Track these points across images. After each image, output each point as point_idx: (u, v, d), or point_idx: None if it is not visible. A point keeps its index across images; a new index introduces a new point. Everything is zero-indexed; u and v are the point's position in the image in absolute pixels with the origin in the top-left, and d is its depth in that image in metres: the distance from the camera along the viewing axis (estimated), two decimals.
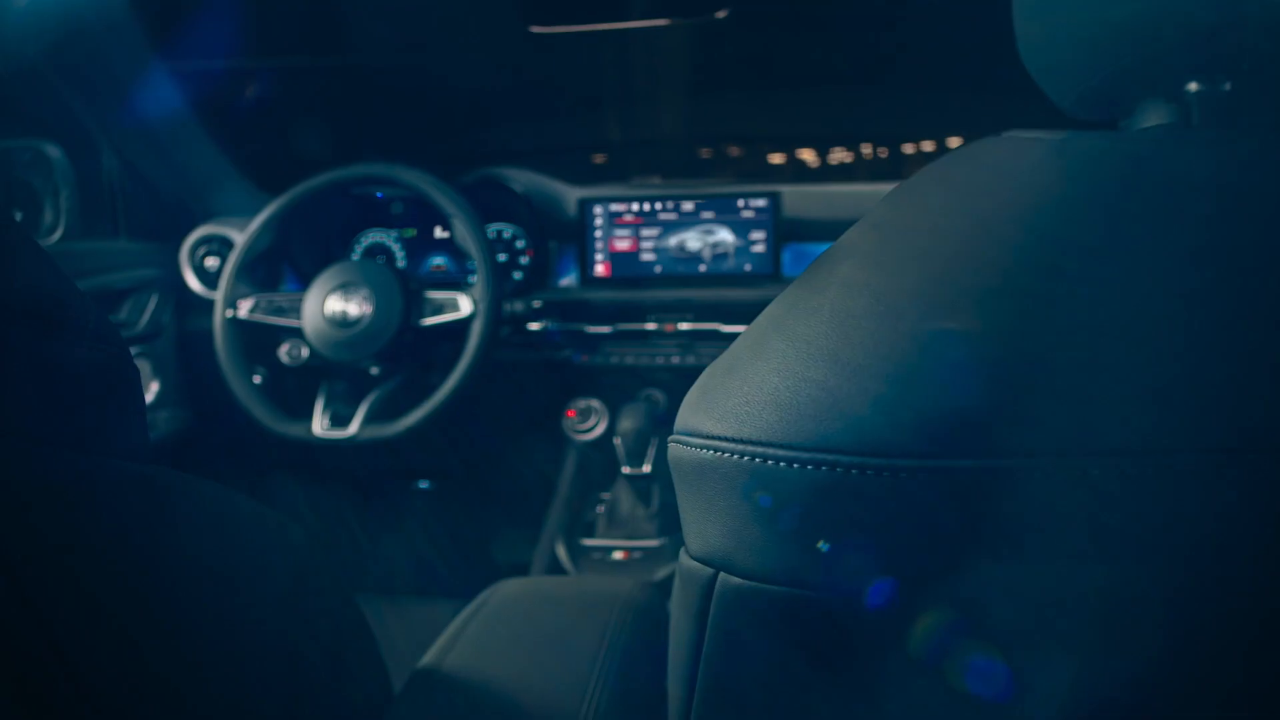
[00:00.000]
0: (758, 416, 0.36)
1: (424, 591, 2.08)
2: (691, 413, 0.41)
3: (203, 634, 0.50)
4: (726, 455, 0.36)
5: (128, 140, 1.65)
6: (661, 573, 1.28)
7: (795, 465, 0.34)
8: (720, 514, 0.38)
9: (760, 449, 0.35)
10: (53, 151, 1.69)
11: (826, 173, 2.37)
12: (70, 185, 1.68)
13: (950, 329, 0.33)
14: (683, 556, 0.43)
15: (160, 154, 1.67)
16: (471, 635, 0.79)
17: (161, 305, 1.65)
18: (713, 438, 0.37)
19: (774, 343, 0.38)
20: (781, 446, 0.34)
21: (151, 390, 1.64)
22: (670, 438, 0.43)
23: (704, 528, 0.39)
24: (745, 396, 0.37)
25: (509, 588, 0.88)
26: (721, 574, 0.38)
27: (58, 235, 1.67)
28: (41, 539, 0.39)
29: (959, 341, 0.33)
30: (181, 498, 0.51)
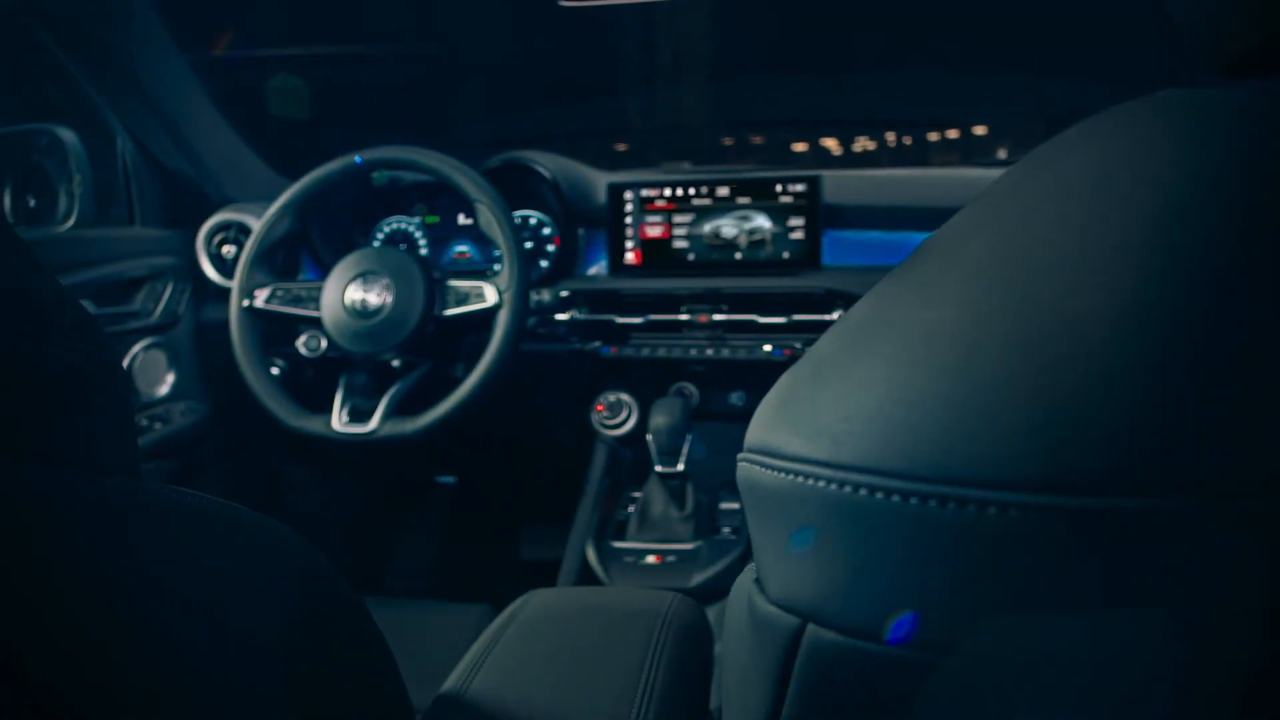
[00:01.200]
0: (863, 437, 0.29)
1: (447, 594, 2.03)
2: (770, 428, 0.34)
3: (197, 666, 0.44)
4: (821, 483, 0.30)
5: (143, 124, 1.60)
6: (697, 578, 1.21)
7: (914, 500, 0.27)
8: (811, 553, 0.31)
9: (867, 478, 0.28)
10: (67, 136, 1.64)
11: (850, 161, 2.30)
12: (84, 171, 1.63)
13: (1123, 326, 0.26)
14: (753, 595, 0.36)
15: (176, 138, 1.62)
16: (502, 653, 0.73)
17: (177, 294, 1.60)
18: (802, 460, 0.31)
19: (880, 344, 0.31)
20: (896, 476, 0.28)
21: (167, 382, 1.59)
22: (741, 456, 0.36)
23: (788, 568, 0.32)
24: (843, 410, 0.30)
25: (540, 599, 0.82)
26: (810, 625, 0.31)
27: (71, 222, 1.62)
28: (6, 565, 0.33)
29: (1140, 343, 0.25)
30: (172, 515, 0.45)
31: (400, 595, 2.01)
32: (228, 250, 1.62)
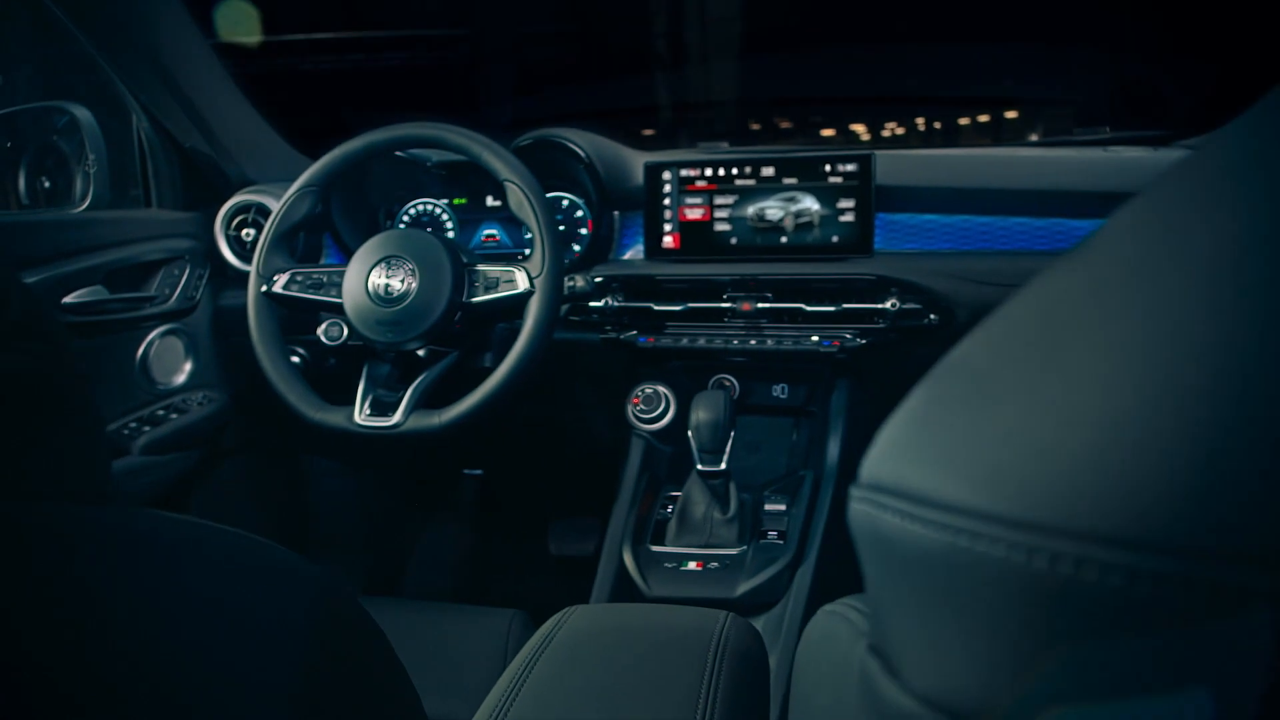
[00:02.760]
0: (1064, 484, 0.21)
1: (474, 593, 1.97)
2: (908, 459, 0.26)
3: (201, 707, 0.38)
4: (1001, 549, 0.21)
5: (160, 102, 1.53)
6: (743, 586, 1.13)
7: (1165, 586, 0.19)
8: (978, 637, 0.23)
9: (1079, 547, 0.20)
10: (81, 114, 1.57)
11: (879, 146, 2.21)
12: (100, 150, 1.56)
13: None
14: (875, 676, 0.27)
15: (194, 116, 1.55)
16: (540, 678, 0.66)
17: (194, 279, 1.54)
18: (968, 513, 0.22)
19: (1068, 356, 0.23)
20: (1129, 546, 0.19)
21: (184, 370, 1.53)
22: (857, 493, 0.28)
23: (941, 653, 0.24)
24: (1026, 444, 0.22)
25: (578, 618, 0.74)
26: None
27: (86, 204, 1.56)
28: None
29: None
30: (153, 546, 0.38)
31: (426, 597, 1.95)
32: (247, 233, 1.55)
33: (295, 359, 1.57)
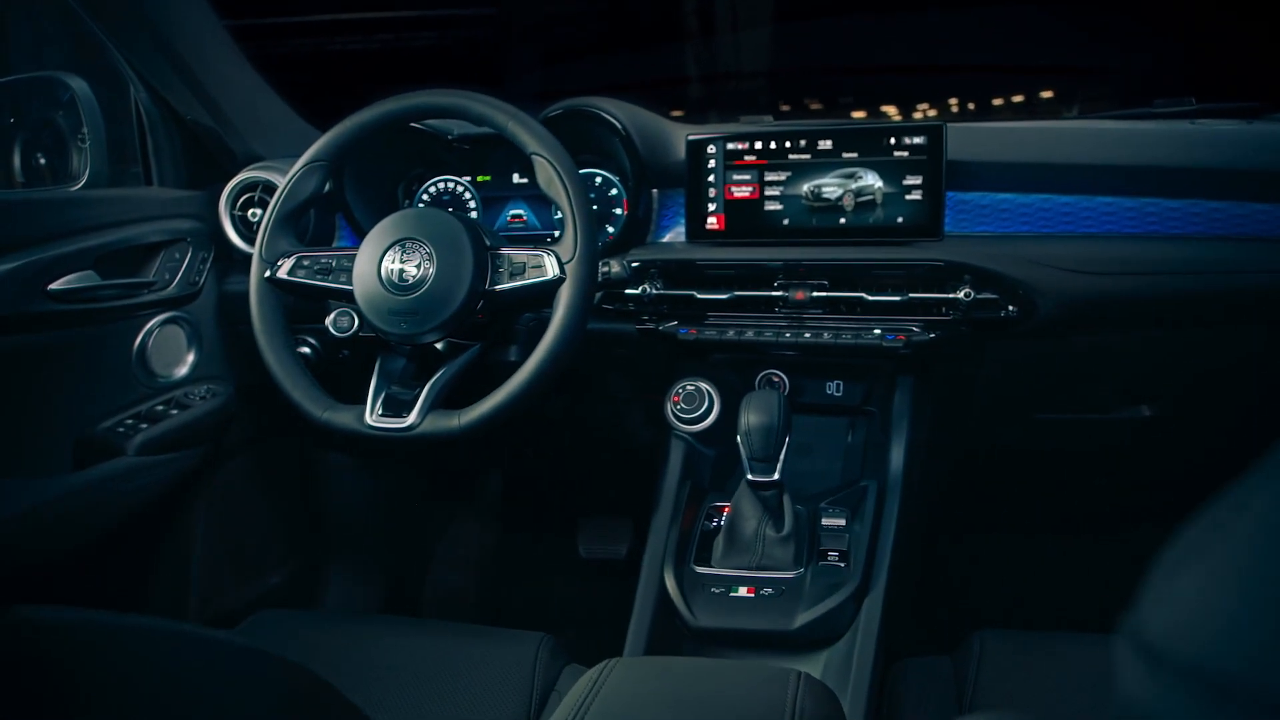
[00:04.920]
0: None
1: (497, 601, 1.86)
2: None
3: None
4: None
5: (158, 70, 1.41)
6: (801, 618, 0.99)
7: None
8: None
9: None
10: (77, 85, 1.45)
11: None
12: (96, 124, 1.45)
13: None
14: None
15: (196, 87, 1.42)
16: None
17: (197, 262, 1.42)
18: None
19: None
20: None
21: (185, 362, 1.42)
22: (1127, 644, 0.15)
23: None
24: None
25: (624, 673, 0.61)
26: None
27: (83, 182, 1.44)
28: None
29: None
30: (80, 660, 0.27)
31: (448, 599, 1.84)
32: (254, 214, 1.43)
33: (306, 349, 1.45)
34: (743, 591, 1.04)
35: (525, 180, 1.42)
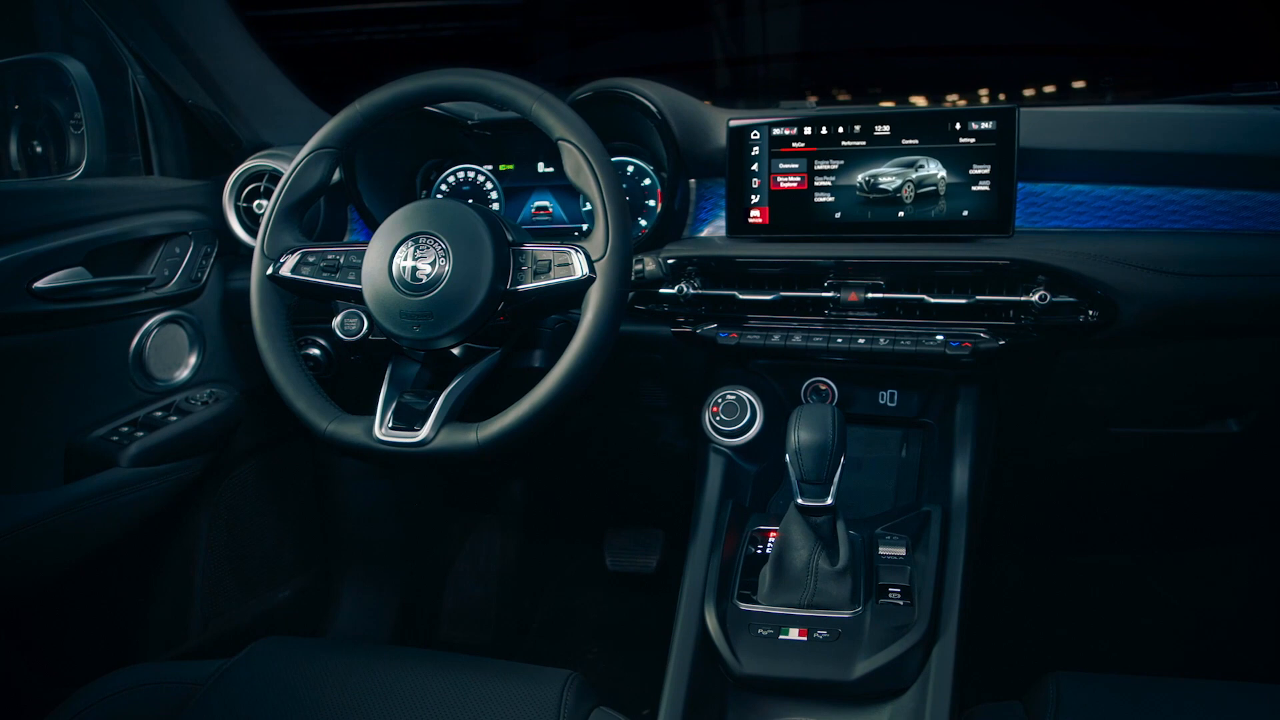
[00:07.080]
0: None
1: (520, 616, 1.76)
2: None
3: None
4: None
5: (158, 52, 1.31)
6: (862, 666, 0.88)
7: None
8: None
9: None
10: (73, 68, 1.36)
11: None
12: (94, 110, 1.36)
13: None
14: None
15: (199, 70, 1.32)
16: None
17: (200, 257, 1.33)
18: None
19: None
20: None
21: (187, 365, 1.33)
22: None
23: None
24: None
25: None
26: None
27: (80, 171, 1.35)
28: None
29: None
30: None
31: (467, 614, 1.74)
32: (260, 205, 1.34)
33: (315, 350, 1.36)
34: (794, 634, 0.92)
35: (551, 169, 1.31)
